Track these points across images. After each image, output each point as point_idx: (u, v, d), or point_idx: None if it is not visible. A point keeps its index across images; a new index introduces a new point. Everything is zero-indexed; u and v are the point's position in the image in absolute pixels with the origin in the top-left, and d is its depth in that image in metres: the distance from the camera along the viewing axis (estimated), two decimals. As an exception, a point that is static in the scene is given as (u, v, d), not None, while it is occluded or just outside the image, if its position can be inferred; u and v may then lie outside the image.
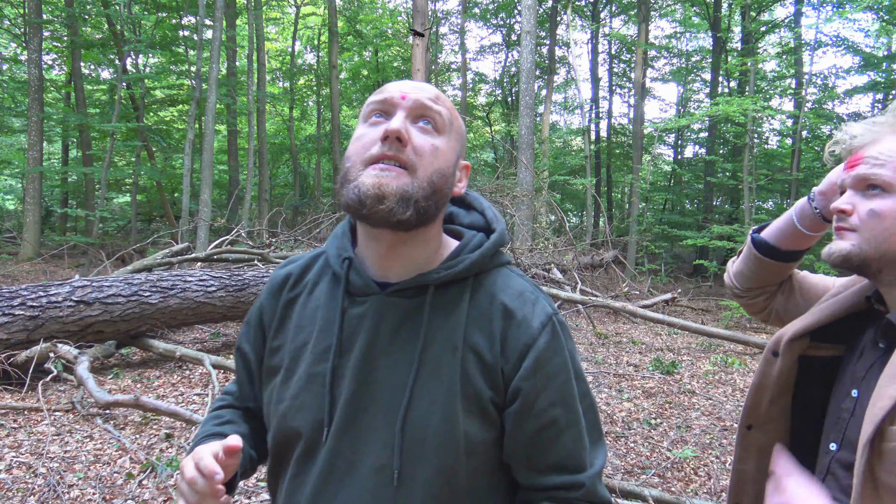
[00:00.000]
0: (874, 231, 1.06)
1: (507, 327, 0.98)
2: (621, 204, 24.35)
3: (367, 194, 0.90)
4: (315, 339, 1.02)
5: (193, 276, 5.97)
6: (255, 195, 17.93)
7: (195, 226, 11.61)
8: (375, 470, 0.94)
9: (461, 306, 0.98)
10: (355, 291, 1.01)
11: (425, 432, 0.94)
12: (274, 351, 1.08)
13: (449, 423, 0.94)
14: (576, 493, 0.98)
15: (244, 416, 1.17)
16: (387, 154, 0.92)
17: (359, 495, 0.94)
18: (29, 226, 13.31)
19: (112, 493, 3.27)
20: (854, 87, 14.27)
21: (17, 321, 4.79)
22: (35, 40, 13.41)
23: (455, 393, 0.95)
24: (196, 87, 12.84)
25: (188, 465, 0.94)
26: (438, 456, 0.94)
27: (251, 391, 1.16)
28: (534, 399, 0.97)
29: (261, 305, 1.13)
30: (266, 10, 19.80)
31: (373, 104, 0.98)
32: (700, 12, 20.13)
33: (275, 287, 1.12)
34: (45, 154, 17.56)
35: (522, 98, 11.28)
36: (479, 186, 10.54)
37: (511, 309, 0.99)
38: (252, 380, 1.15)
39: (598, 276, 11.70)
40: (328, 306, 1.04)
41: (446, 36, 23.73)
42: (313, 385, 0.99)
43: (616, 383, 5.82)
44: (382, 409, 0.95)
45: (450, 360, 0.96)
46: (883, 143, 1.07)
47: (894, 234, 1.04)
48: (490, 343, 0.97)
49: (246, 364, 1.15)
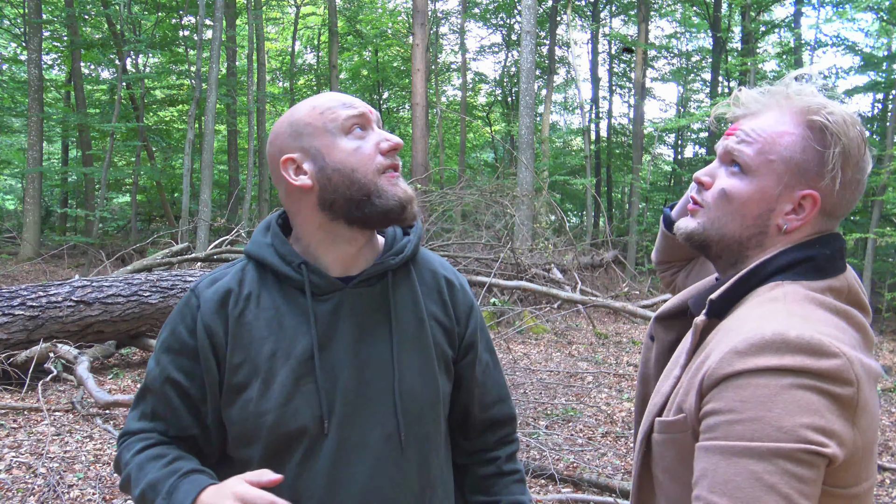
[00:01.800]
0: (718, 212, 0.97)
1: (453, 294, 1.21)
2: (621, 204, 24.35)
3: (407, 200, 1.08)
4: (288, 345, 1.07)
5: (193, 276, 5.97)
6: (255, 195, 17.92)
7: (195, 226, 11.61)
8: (384, 439, 1.08)
9: (412, 284, 1.16)
10: (318, 291, 1.10)
11: (417, 396, 1.11)
12: (235, 368, 1.08)
13: (433, 384, 1.13)
14: (513, 427, 1.30)
15: (183, 448, 1.12)
16: (395, 164, 1.09)
17: (374, 465, 1.08)
18: (29, 226, 13.31)
19: (112, 493, 3.27)
20: (854, 87, 14.27)
21: (17, 321, 4.79)
22: (35, 40, 13.41)
23: (431, 357, 1.14)
24: (196, 87, 12.84)
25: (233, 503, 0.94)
26: (429, 414, 1.13)
27: (192, 419, 1.11)
28: (479, 349, 1.23)
29: (206, 328, 1.08)
30: (266, 10, 19.79)
31: (351, 118, 1.08)
32: (700, 12, 20.13)
33: (216, 305, 1.09)
34: (45, 154, 17.55)
35: (522, 98, 11.28)
36: (479, 186, 10.54)
37: (450, 279, 1.22)
38: (193, 407, 1.10)
39: (598, 276, 11.70)
40: (289, 311, 1.09)
41: (446, 36, 23.74)
42: (304, 386, 1.06)
43: (616, 383, 5.82)
44: (377, 386, 1.09)
45: (420, 331, 1.14)
46: (763, 116, 0.96)
47: (737, 219, 0.96)
48: (444, 310, 1.19)
49: (182, 392, 1.09)
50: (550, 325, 8.18)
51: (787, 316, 0.86)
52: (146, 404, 1.13)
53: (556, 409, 4.94)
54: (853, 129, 0.92)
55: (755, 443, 0.78)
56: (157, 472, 1.04)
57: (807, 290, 0.91)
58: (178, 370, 1.09)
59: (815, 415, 0.78)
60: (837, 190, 0.93)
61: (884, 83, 13.60)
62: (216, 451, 1.14)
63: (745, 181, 0.95)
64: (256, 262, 1.14)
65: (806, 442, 0.77)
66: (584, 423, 4.69)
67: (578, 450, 4.14)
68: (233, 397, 1.08)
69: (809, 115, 0.93)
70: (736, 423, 0.80)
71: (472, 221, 10.20)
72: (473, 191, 10.20)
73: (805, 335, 0.82)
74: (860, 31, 22.86)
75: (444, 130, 22.42)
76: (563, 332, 8.04)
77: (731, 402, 0.81)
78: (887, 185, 10.75)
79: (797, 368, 0.80)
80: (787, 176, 0.93)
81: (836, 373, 0.80)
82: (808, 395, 0.79)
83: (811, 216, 0.94)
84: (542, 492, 3.53)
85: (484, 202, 9.93)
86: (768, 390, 0.80)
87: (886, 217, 13.46)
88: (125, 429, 1.14)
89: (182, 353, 1.10)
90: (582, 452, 4.10)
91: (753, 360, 0.81)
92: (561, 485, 3.60)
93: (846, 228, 12.54)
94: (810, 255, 0.93)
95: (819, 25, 13.90)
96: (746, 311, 0.91)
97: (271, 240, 1.13)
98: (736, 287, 0.95)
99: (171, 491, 1.00)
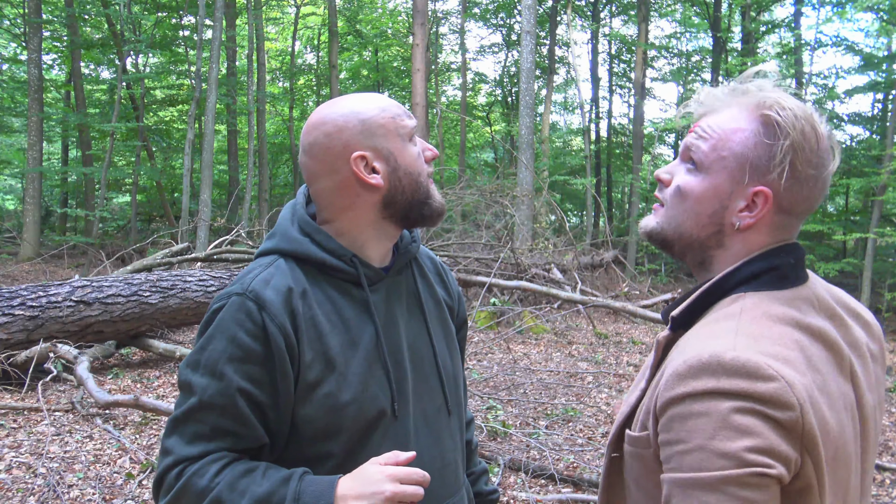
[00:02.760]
0: (675, 210, 0.97)
1: (447, 276, 1.37)
2: (621, 204, 24.34)
3: (444, 206, 1.21)
4: (353, 335, 1.13)
5: (193, 276, 5.97)
6: (255, 195, 17.91)
7: (195, 226, 11.60)
8: (437, 411, 1.21)
9: (423, 271, 1.30)
10: (369, 282, 1.17)
11: (450, 370, 1.26)
12: (309, 364, 1.07)
13: (457, 356, 1.30)
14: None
15: (253, 457, 1.08)
16: (431, 172, 1.21)
17: (437, 436, 1.20)
18: (29, 226, 13.30)
19: (112, 493, 3.27)
20: (854, 87, 14.26)
21: (17, 321, 4.79)
22: (35, 40, 13.41)
23: (451, 334, 1.30)
24: (196, 86, 12.83)
25: (404, 489, 0.98)
26: (460, 384, 1.30)
27: (263, 429, 1.07)
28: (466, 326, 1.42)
29: (280, 329, 1.04)
30: (266, 10, 19.79)
31: (409, 128, 1.17)
32: (700, 12, 20.12)
33: (282, 305, 1.06)
34: (45, 154, 17.54)
35: (522, 98, 11.28)
36: (479, 186, 10.53)
37: (441, 264, 1.38)
38: (263, 414, 1.06)
39: (598, 276, 11.69)
40: (346, 303, 1.14)
41: (446, 36, 23.73)
42: (375, 373, 1.13)
43: (616, 383, 5.82)
44: (426, 363, 1.22)
45: (439, 311, 1.29)
46: (721, 114, 0.95)
47: (692, 217, 0.95)
48: (447, 291, 1.34)
49: (253, 401, 1.04)
50: (550, 325, 8.18)
51: (734, 335, 0.85)
52: (200, 425, 1.04)
53: (556, 409, 4.94)
54: (805, 123, 0.91)
55: (703, 473, 0.78)
56: (259, 485, 0.99)
57: (771, 301, 0.90)
58: (246, 379, 1.03)
59: (756, 437, 0.78)
60: (789, 185, 0.91)
61: (884, 83, 13.59)
62: (279, 456, 1.11)
63: (699, 178, 0.95)
64: (296, 259, 1.13)
65: (750, 465, 0.77)
66: (584, 423, 4.68)
67: (578, 450, 4.14)
68: (308, 394, 1.06)
69: (762, 109, 0.92)
70: (685, 454, 0.80)
71: (472, 221, 10.20)
72: (473, 191, 10.20)
73: (741, 357, 0.81)
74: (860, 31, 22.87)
75: (444, 130, 22.42)
76: (563, 332, 8.04)
77: (679, 432, 0.82)
78: (887, 185, 10.74)
79: (734, 392, 0.79)
80: (739, 172, 0.92)
81: (773, 397, 0.79)
82: (747, 418, 0.78)
83: (764, 212, 0.92)
84: (542, 492, 3.53)
85: (484, 202, 9.92)
86: (708, 418, 0.79)
87: (886, 217, 13.47)
88: (176, 457, 1.03)
89: (248, 361, 1.04)
90: (582, 452, 4.10)
91: (692, 384, 0.81)
92: (561, 485, 3.60)
93: (846, 228, 12.55)
94: (774, 265, 0.92)
95: (819, 25, 13.89)
96: (702, 327, 0.91)
97: (309, 235, 1.13)
98: (699, 301, 0.94)
99: (296, 497, 0.97)
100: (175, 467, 1.03)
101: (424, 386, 1.20)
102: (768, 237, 0.95)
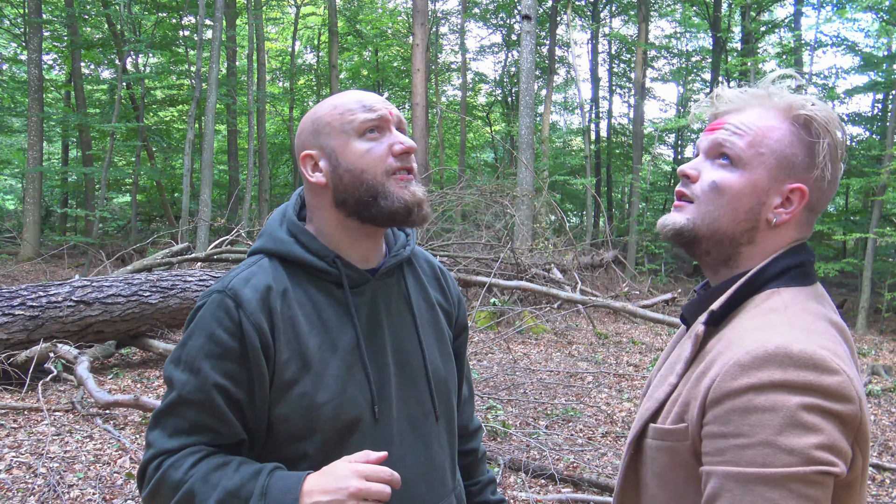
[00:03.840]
0: (710, 205, 0.96)
1: (447, 281, 1.33)
2: (621, 204, 24.33)
3: (415, 202, 1.11)
4: (334, 337, 1.11)
5: (193, 276, 5.97)
6: (255, 195, 17.91)
7: (195, 226, 11.60)
8: (424, 416, 1.18)
9: (417, 274, 1.27)
10: (352, 283, 1.15)
11: (441, 375, 1.22)
12: (285, 363, 1.07)
13: (450, 362, 1.25)
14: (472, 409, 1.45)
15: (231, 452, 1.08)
16: (407, 166, 1.12)
17: (422, 441, 1.17)
18: (29, 226, 13.30)
19: (112, 493, 3.27)
20: (854, 87, 14.26)
21: (17, 321, 4.79)
22: (35, 40, 13.41)
23: (445, 338, 1.26)
24: (196, 87, 12.83)
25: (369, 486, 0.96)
26: (451, 390, 1.25)
27: (241, 424, 1.07)
28: (467, 331, 1.37)
29: (255, 327, 1.05)
30: (266, 10, 19.78)
31: (368, 122, 1.11)
32: (700, 12, 20.12)
33: (259, 304, 1.07)
34: (45, 154, 17.53)
35: (522, 98, 11.28)
36: (479, 186, 10.53)
37: (441, 268, 1.34)
38: (240, 411, 1.07)
39: (598, 276, 11.70)
40: (327, 305, 1.13)
41: (446, 36, 23.73)
42: (355, 375, 1.11)
43: (616, 383, 5.82)
44: (413, 369, 1.18)
45: (432, 315, 1.25)
46: (748, 112, 0.97)
47: (729, 213, 0.95)
48: (445, 296, 1.31)
49: (229, 398, 1.05)
50: (550, 325, 8.17)
51: (790, 328, 0.86)
52: (179, 419, 1.06)
53: (556, 409, 4.94)
54: (837, 124, 0.94)
55: (767, 469, 0.78)
56: (230, 479, 1.00)
57: (805, 297, 0.92)
58: (222, 375, 1.04)
59: (822, 434, 0.78)
60: (821, 183, 0.94)
61: (884, 83, 13.58)
62: (257, 455, 1.11)
63: (737, 174, 0.95)
64: (280, 259, 1.14)
65: (817, 463, 0.77)
66: (584, 423, 4.68)
67: (578, 450, 4.14)
68: (283, 394, 1.07)
69: (794, 110, 0.94)
70: (745, 448, 0.80)
71: (472, 221, 10.20)
72: (473, 191, 10.20)
73: (808, 350, 0.81)
74: (860, 31, 22.87)
75: (444, 130, 22.42)
76: (563, 332, 8.04)
77: (739, 425, 0.81)
78: (887, 185, 10.73)
79: (801, 385, 0.80)
80: (777, 169, 0.94)
81: (837, 391, 0.80)
82: (814, 415, 0.79)
83: (798, 210, 0.95)
84: (542, 492, 3.53)
85: (484, 202, 9.93)
86: (774, 413, 0.79)
87: (886, 217, 13.46)
88: (156, 450, 1.05)
89: (225, 358, 1.05)
90: (582, 452, 4.10)
91: (757, 375, 0.81)
92: (561, 485, 3.60)
93: (846, 228, 12.54)
94: (801, 262, 0.95)
95: (819, 25, 13.89)
96: (747, 321, 0.91)
97: (295, 235, 1.14)
98: (736, 295, 0.95)
99: (263, 492, 0.97)
100: (154, 460, 1.05)
101: (411, 390, 1.17)
102: (795, 234, 0.97)
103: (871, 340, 9.33)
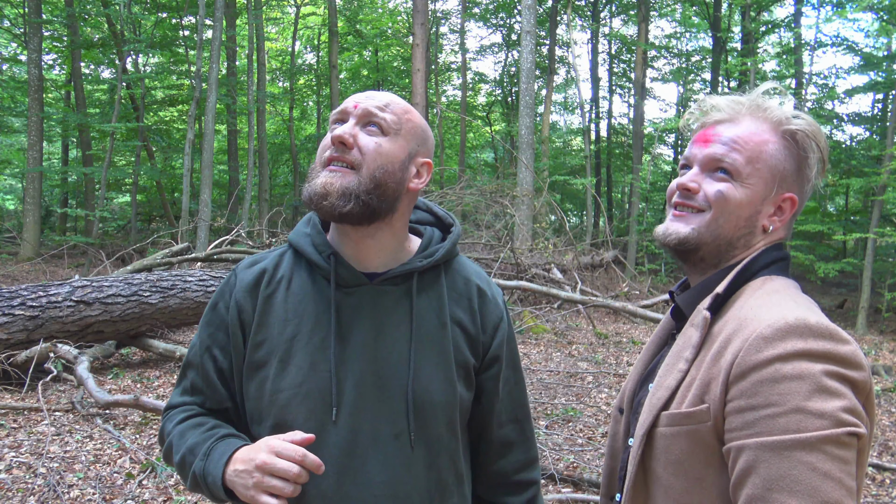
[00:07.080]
0: (717, 215, 1.03)
1: (483, 304, 1.20)
2: (621, 204, 24.33)
3: (315, 192, 1.07)
4: (309, 330, 1.11)
5: (193, 276, 5.97)
6: (255, 195, 17.91)
7: (195, 226, 11.61)
8: (394, 437, 1.09)
9: (440, 289, 1.17)
10: (344, 283, 1.13)
11: (431, 397, 1.10)
12: (257, 346, 1.13)
13: (449, 387, 1.12)
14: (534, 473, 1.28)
15: (220, 418, 1.18)
16: (335, 156, 1.08)
17: (384, 461, 1.08)
18: (29, 226, 13.31)
19: (112, 493, 3.27)
20: (854, 87, 14.25)
21: (17, 321, 4.79)
22: (35, 40, 13.41)
23: (450, 361, 1.14)
24: (196, 87, 12.83)
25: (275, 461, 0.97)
26: (442, 417, 1.12)
27: (226, 392, 1.17)
28: (504, 363, 1.21)
29: (237, 304, 1.15)
30: (266, 10, 19.78)
31: (334, 115, 1.13)
32: (700, 12, 20.12)
33: (249, 285, 1.16)
34: (45, 154, 17.54)
35: (522, 98, 11.27)
36: (479, 186, 10.53)
37: (483, 289, 1.22)
38: (226, 381, 1.17)
39: (598, 276, 11.70)
40: (315, 298, 1.13)
41: (446, 36, 23.72)
42: (317, 371, 1.09)
43: (616, 383, 5.82)
44: (391, 383, 1.10)
45: (441, 334, 1.14)
46: (742, 125, 1.04)
47: (732, 221, 1.03)
48: (472, 318, 1.18)
49: (218, 367, 1.16)
50: (550, 325, 8.17)
51: (796, 305, 0.92)
52: (187, 379, 1.20)
53: (556, 409, 4.94)
54: (822, 137, 1.04)
55: (802, 434, 0.81)
56: (196, 437, 1.10)
57: (794, 286, 1.01)
58: (215, 344, 1.16)
59: (845, 398, 0.83)
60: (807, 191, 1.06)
61: (884, 83, 13.57)
62: (244, 428, 1.18)
63: (737, 186, 1.03)
64: (295, 250, 1.20)
65: (846, 425, 0.82)
66: (584, 423, 4.69)
67: (578, 450, 4.14)
68: (251, 374, 1.13)
69: (785, 124, 1.03)
70: (777, 417, 0.83)
71: (473, 221, 10.20)
72: (473, 191, 10.20)
73: (823, 322, 0.88)
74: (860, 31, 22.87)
75: (444, 130, 22.42)
76: (563, 332, 8.04)
77: (768, 395, 0.84)
78: (887, 185, 10.73)
79: (821, 353, 0.85)
80: (772, 181, 1.03)
81: (850, 358, 0.86)
82: (834, 381, 0.84)
83: (789, 217, 1.05)
84: (542, 492, 3.53)
85: (484, 202, 9.93)
86: (801, 381, 0.83)
87: (886, 217, 13.45)
88: (168, 403, 1.21)
89: (219, 328, 1.17)
90: (582, 452, 4.10)
91: (782, 345, 0.86)
92: (561, 485, 3.60)
93: (846, 228, 12.54)
94: (785, 255, 1.05)
95: (819, 25, 13.88)
96: (752, 301, 0.97)
97: (310, 230, 1.19)
98: (734, 281, 1.01)
99: (207, 452, 1.06)
100: (165, 411, 1.22)
101: (383, 405, 1.09)
102: (782, 235, 1.07)
103: (871, 340, 9.33)
